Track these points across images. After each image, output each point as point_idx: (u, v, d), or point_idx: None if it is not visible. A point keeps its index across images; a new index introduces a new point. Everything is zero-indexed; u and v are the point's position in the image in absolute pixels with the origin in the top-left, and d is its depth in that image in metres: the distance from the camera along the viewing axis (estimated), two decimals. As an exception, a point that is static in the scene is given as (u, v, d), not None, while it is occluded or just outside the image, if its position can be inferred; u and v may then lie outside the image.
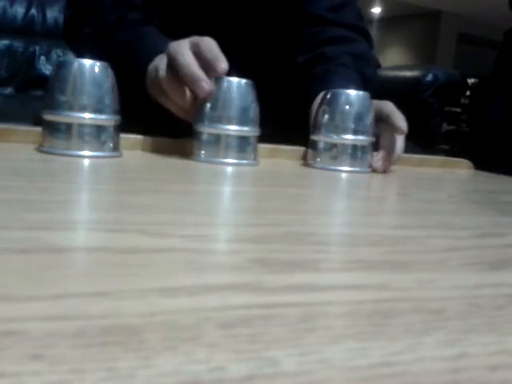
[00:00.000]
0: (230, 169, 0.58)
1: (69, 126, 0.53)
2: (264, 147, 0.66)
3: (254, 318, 0.16)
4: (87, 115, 0.53)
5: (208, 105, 0.58)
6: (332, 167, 0.63)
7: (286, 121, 0.85)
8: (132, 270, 0.19)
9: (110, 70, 0.55)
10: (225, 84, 0.58)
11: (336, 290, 0.20)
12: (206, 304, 0.17)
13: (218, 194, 0.42)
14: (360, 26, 0.85)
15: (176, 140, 0.64)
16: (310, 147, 0.67)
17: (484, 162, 0.81)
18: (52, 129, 0.54)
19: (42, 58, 1.72)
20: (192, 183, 0.49)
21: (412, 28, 8.33)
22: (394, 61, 7.72)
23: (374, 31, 7.94)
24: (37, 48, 1.73)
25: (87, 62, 0.54)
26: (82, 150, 0.53)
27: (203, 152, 0.59)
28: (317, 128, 0.65)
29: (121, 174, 0.49)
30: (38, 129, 0.57)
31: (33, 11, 1.79)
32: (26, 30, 1.77)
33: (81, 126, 0.53)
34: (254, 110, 0.59)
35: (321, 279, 0.21)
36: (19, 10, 1.77)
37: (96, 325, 0.14)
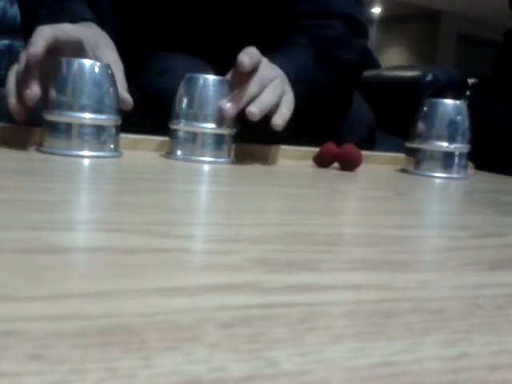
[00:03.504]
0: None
1: (69, 125, 0.53)
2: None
3: (254, 317, 0.16)
4: (87, 115, 0.53)
5: (184, 103, 0.59)
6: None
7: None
8: (132, 270, 0.19)
9: (110, 70, 0.55)
10: (201, 82, 0.58)
11: (336, 290, 0.20)
12: (206, 304, 0.17)
13: (207, 193, 0.42)
14: (349, 14, 0.84)
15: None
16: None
17: (484, 162, 0.81)
18: (52, 129, 0.54)
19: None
20: (179, 182, 0.49)
21: (412, 28, 8.33)
22: (394, 61, 7.71)
23: (373, 31, 7.94)
24: (37, 48, 1.73)
25: (87, 62, 0.54)
26: (82, 149, 0.53)
27: (179, 151, 0.59)
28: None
29: (120, 174, 0.49)
30: (38, 129, 0.57)
31: (33, 11, 1.78)
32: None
33: (81, 125, 0.53)
34: None
35: (321, 279, 0.21)
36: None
37: (96, 325, 0.14)
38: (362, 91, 0.95)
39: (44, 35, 0.54)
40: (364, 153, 0.67)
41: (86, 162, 0.52)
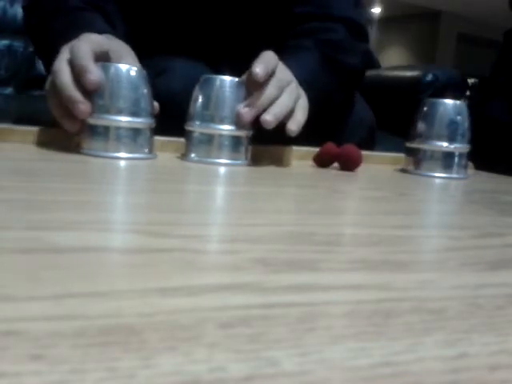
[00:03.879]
0: (223, 169, 0.58)
1: (106, 128, 0.55)
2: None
3: (254, 317, 0.16)
4: (124, 118, 0.55)
5: (200, 104, 0.59)
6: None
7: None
8: (132, 270, 0.19)
9: (145, 74, 0.57)
10: (217, 83, 0.58)
11: (336, 290, 0.20)
12: (206, 304, 0.17)
13: (215, 194, 0.42)
14: (349, 18, 0.84)
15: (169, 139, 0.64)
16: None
17: (484, 162, 0.81)
18: (91, 131, 0.55)
19: (42, 58, 1.72)
20: (189, 183, 0.49)
21: (412, 28, 8.33)
22: (394, 61, 7.71)
23: (373, 31, 7.94)
24: (37, 48, 1.73)
25: (123, 67, 0.55)
26: (119, 151, 0.55)
27: (193, 153, 0.59)
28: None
29: (129, 175, 0.49)
30: (37, 128, 0.57)
31: (33, 11, 1.78)
32: (25, 30, 1.77)
33: (118, 128, 0.55)
34: None
35: (321, 279, 0.21)
36: (19, 10, 1.77)
37: (96, 325, 0.14)
38: (362, 91, 0.95)
39: (86, 52, 0.54)
40: (364, 153, 0.67)
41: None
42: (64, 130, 0.57)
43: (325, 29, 0.80)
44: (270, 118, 0.57)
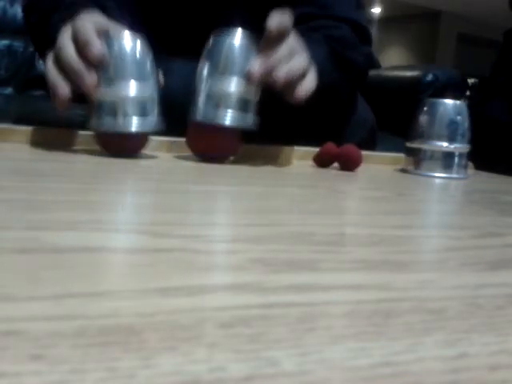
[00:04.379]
0: (222, 168, 0.58)
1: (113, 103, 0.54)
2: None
3: (254, 317, 0.16)
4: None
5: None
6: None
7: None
8: (132, 270, 0.19)
9: (148, 46, 0.58)
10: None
11: (336, 290, 0.20)
12: (206, 304, 0.17)
13: (215, 194, 0.42)
14: (352, 19, 0.83)
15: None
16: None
17: (484, 162, 0.81)
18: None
19: (42, 58, 1.72)
20: (189, 183, 0.49)
21: (412, 28, 8.33)
22: (394, 61, 7.72)
23: (374, 31, 7.93)
24: (37, 48, 1.73)
25: (127, 40, 0.55)
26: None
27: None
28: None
29: (124, 175, 0.49)
30: (37, 128, 0.57)
31: (33, 11, 1.79)
32: (26, 30, 1.77)
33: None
34: None
35: (321, 279, 0.21)
36: (19, 10, 1.77)
37: (96, 325, 0.14)
38: (362, 91, 0.95)
39: (89, 28, 0.53)
40: (364, 153, 0.67)
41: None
42: (63, 131, 0.57)
43: (330, 26, 0.80)
44: (281, 75, 0.55)
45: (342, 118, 0.86)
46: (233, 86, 0.57)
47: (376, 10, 8.35)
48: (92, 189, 0.39)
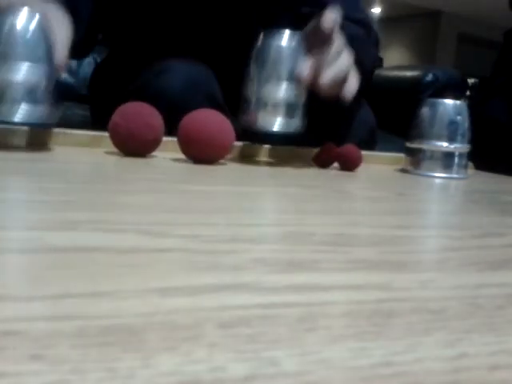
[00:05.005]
0: (222, 169, 0.58)
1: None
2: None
3: (254, 317, 0.16)
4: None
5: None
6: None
7: None
8: (132, 270, 0.19)
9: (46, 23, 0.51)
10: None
11: (336, 290, 0.20)
12: (206, 304, 0.17)
13: (215, 194, 0.42)
14: (359, 17, 0.83)
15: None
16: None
17: (484, 162, 0.81)
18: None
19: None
20: (189, 183, 0.49)
21: (412, 28, 8.33)
22: (394, 61, 7.71)
23: (373, 31, 7.91)
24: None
25: (22, 16, 0.49)
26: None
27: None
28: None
29: (121, 174, 0.49)
30: (37, 129, 0.57)
31: (33, 11, 1.78)
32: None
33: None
34: None
35: (321, 279, 0.21)
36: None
37: (96, 325, 0.14)
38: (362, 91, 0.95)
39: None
40: (364, 153, 0.67)
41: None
42: (62, 131, 0.57)
43: (342, 24, 0.80)
44: (328, 78, 0.56)
45: (341, 119, 0.86)
46: (281, 91, 0.57)
47: (376, 10, 8.35)
48: (92, 189, 0.39)
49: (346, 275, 0.22)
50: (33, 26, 0.49)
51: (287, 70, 0.57)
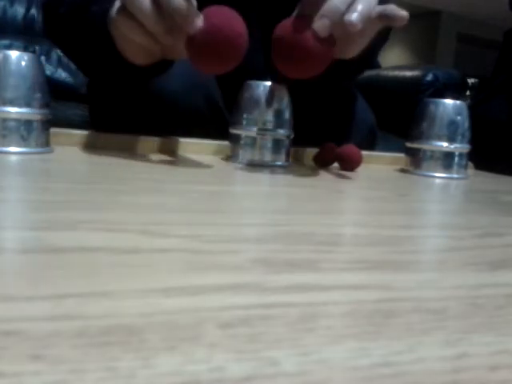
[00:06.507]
0: (221, 169, 0.58)
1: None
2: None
3: (254, 317, 0.16)
4: (12, 109, 0.50)
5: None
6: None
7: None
8: (132, 270, 0.19)
9: (39, 62, 0.52)
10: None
11: (336, 290, 0.20)
12: (206, 304, 0.17)
13: (214, 194, 0.42)
14: None
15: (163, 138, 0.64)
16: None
17: (484, 162, 0.81)
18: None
19: (42, 57, 1.72)
20: (188, 183, 0.49)
21: (412, 28, 8.32)
22: (394, 61, 7.71)
23: (373, 31, 7.91)
24: (37, 48, 1.73)
25: (14, 54, 0.50)
26: (9, 146, 0.51)
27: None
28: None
29: (122, 174, 0.49)
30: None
31: (33, 11, 1.79)
32: (25, 30, 1.77)
33: (6, 120, 0.50)
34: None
35: (321, 279, 0.21)
36: (19, 10, 1.77)
37: (96, 325, 0.14)
38: (363, 91, 0.95)
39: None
40: (364, 153, 0.67)
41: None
42: (63, 131, 0.57)
43: None
44: (355, 18, 0.46)
45: (340, 118, 0.86)
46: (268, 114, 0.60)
47: (376, 10, 8.32)
48: (92, 189, 0.39)
49: (346, 275, 0.22)
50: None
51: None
